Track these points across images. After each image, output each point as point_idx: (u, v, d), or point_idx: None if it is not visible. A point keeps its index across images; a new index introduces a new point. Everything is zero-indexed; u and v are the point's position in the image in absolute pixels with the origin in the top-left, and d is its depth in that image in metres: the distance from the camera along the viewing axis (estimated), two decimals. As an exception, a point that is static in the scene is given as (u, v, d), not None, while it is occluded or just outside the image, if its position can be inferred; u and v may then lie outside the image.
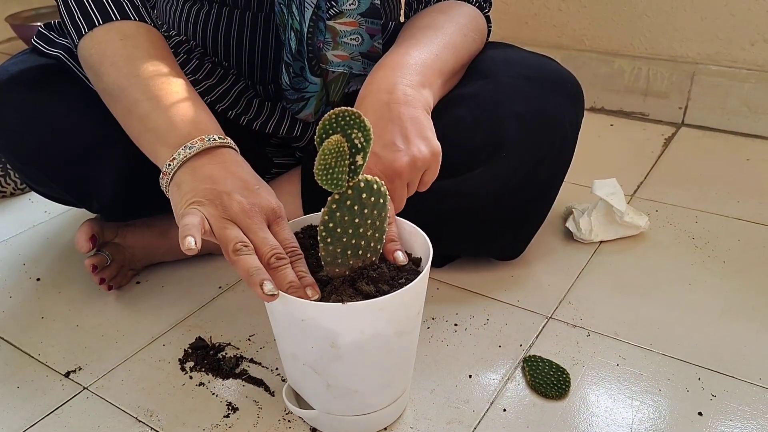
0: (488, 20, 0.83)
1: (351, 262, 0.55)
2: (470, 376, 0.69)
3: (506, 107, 0.74)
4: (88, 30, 0.67)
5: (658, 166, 1.15)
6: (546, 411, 0.64)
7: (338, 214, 0.52)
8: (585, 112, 0.84)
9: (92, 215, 0.92)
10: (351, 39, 0.76)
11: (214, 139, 0.60)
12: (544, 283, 0.83)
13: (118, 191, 0.78)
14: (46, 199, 1.03)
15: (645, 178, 1.10)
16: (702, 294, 0.81)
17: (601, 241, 0.92)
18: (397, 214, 0.62)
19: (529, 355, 0.70)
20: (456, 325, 0.76)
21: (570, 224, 0.93)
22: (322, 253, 0.54)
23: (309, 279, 0.54)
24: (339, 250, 0.54)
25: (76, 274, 0.89)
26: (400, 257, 0.57)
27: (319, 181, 0.50)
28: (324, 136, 0.50)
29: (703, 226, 0.95)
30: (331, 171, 0.50)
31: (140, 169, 0.78)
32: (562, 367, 0.68)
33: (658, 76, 1.32)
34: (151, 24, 0.69)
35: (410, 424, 0.63)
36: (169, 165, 0.59)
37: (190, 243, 0.50)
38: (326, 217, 0.53)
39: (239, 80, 0.84)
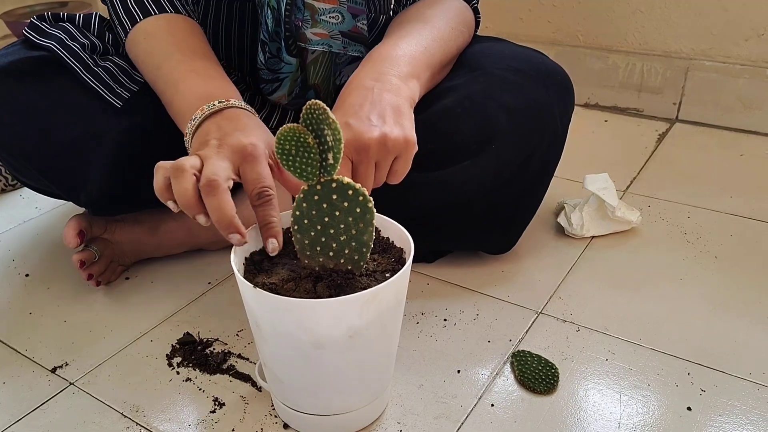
0: (476, 12, 0.82)
1: (321, 260, 0.55)
2: (459, 371, 0.68)
3: (496, 99, 0.74)
4: (125, 37, 0.74)
5: (652, 162, 1.14)
6: (534, 406, 0.64)
7: (304, 205, 0.53)
8: (579, 108, 0.84)
9: (81, 210, 0.92)
10: (330, 17, 0.77)
11: (214, 104, 0.62)
12: (534, 279, 0.83)
13: (106, 185, 0.78)
14: (37, 196, 1.04)
15: (638, 173, 1.10)
16: (693, 289, 0.81)
17: (592, 237, 0.91)
18: (384, 211, 0.61)
19: (518, 350, 0.70)
20: (445, 320, 0.76)
21: (561, 219, 0.92)
22: (293, 240, 0.55)
23: (272, 229, 0.54)
24: (306, 242, 0.54)
25: (65, 270, 0.88)
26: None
27: (281, 165, 0.51)
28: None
29: (695, 221, 0.95)
30: (291, 158, 0.50)
31: (129, 164, 0.78)
32: (550, 362, 0.68)
33: (652, 72, 1.31)
34: (171, 10, 0.72)
35: (397, 419, 0.63)
36: (186, 141, 0.63)
37: (174, 208, 0.55)
38: (294, 206, 0.53)
39: (230, 71, 0.83)
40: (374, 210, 0.52)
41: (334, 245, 0.54)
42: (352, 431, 0.61)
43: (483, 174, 0.75)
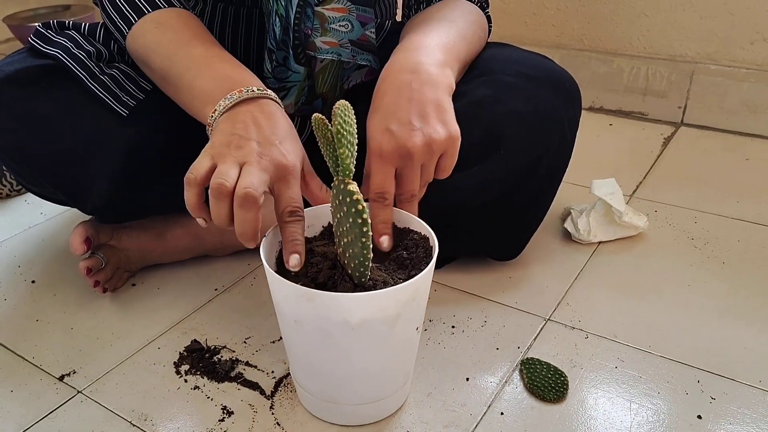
0: (489, 20, 0.83)
1: (340, 250, 0.57)
2: (467, 379, 0.68)
3: (505, 105, 0.74)
4: (128, 29, 0.71)
5: (657, 166, 1.14)
6: (544, 414, 0.64)
7: (333, 192, 0.54)
8: (584, 112, 0.84)
9: (87, 217, 0.91)
10: (340, 25, 0.76)
11: (253, 90, 0.61)
12: (542, 285, 0.83)
13: (112, 192, 0.78)
14: (42, 201, 1.03)
15: (644, 178, 1.10)
16: (701, 295, 0.80)
17: (599, 242, 0.91)
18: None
19: (527, 358, 0.70)
20: (453, 327, 0.76)
21: (568, 225, 0.92)
22: None
23: (298, 246, 0.56)
24: (334, 225, 0.57)
25: (71, 276, 0.88)
26: (385, 243, 0.59)
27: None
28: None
29: (702, 226, 0.95)
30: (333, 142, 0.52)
31: (136, 171, 0.77)
32: (560, 370, 0.68)
33: (657, 76, 1.31)
34: (180, 7, 0.72)
35: (407, 427, 0.62)
36: (212, 116, 0.61)
37: (202, 224, 0.58)
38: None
39: None
40: (366, 225, 0.52)
41: (343, 240, 0.55)
42: (377, 419, 0.63)
43: (490, 180, 0.74)
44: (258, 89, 0.62)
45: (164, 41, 0.69)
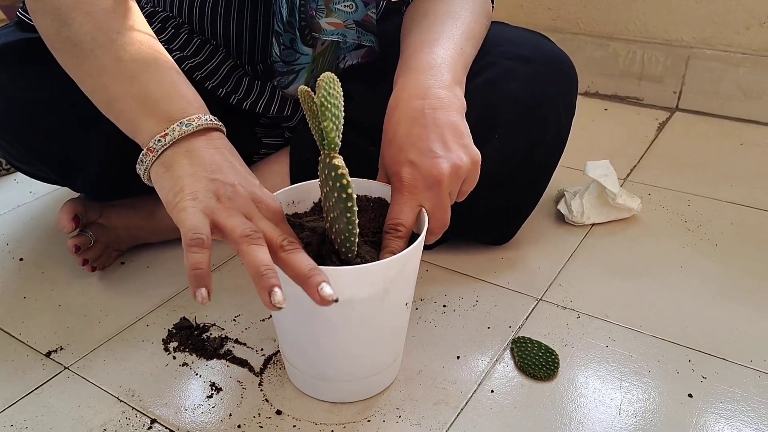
0: (492, 0, 0.81)
1: (327, 224, 0.55)
2: (458, 358, 0.68)
3: (503, 88, 0.73)
4: None
5: (652, 151, 1.14)
6: (534, 392, 0.63)
7: (320, 165, 0.53)
8: (579, 97, 0.83)
9: (76, 195, 0.90)
10: (344, 6, 0.75)
11: (210, 119, 0.54)
12: (534, 266, 0.82)
13: (102, 170, 0.77)
14: (32, 180, 1.02)
15: (638, 162, 1.09)
16: (693, 276, 0.80)
17: (592, 224, 0.91)
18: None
19: (518, 337, 0.70)
20: (445, 306, 0.75)
21: (562, 207, 0.92)
22: None
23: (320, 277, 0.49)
24: (322, 196, 0.55)
25: (60, 254, 0.87)
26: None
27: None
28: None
29: (695, 209, 0.95)
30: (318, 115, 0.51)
31: (126, 148, 0.76)
32: (551, 349, 0.68)
33: (653, 60, 1.30)
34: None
35: (396, 404, 0.62)
36: (159, 141, 0.52)
37: (203, 295, 0.46)
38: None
39: (228, 58, 0.82)
40: (351, 201, 0.51)
41: (330, 215, 0.54)
42: (366, 396, 0.62)
43: (486, 163, 0.74)
44: (214, 119, 0.55)
45: (108, 11, 0.57)
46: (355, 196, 0.51)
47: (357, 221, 0.52)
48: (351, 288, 0.52)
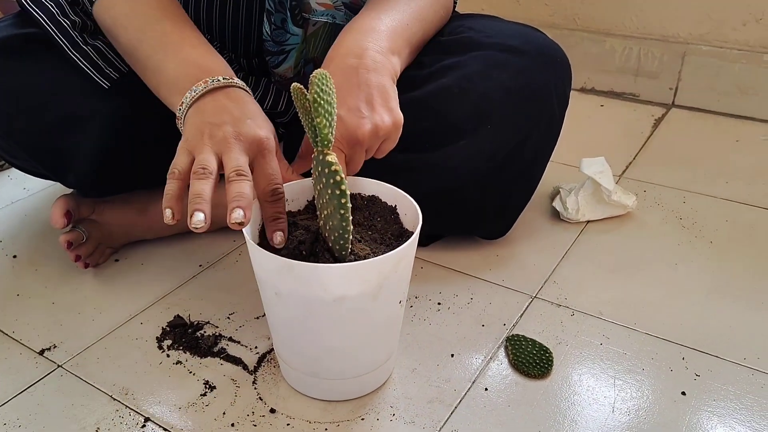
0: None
1: (320, 222, 0.56)
2: (452, 355, 0.68)
3: (495, 79, 0.73)
4: None
5: (647, 147, 1.14)
6: (528, 390, 0.63)
7: (314, 163, 0.53)
8: (575, 93, 0.83)
9: (69, 191, 0.90)
10: None
11: (219, 80, 0.61)
12: (529, 263, 0.82)
13: (94, 166, 0.76)
14: (25, 176, 1.02)
15: (634, 158, 1.09)
16: (688, 274, 0.80)
17: (587, 221, 0.91)
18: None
19: (513, 334, 0.70)
20: (439, 304, 0.75)
21: (557, 204, 0.91)
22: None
23: (281, 224, 0.56)
24: (314, 196, 0.57)
25: (53, 251, 0.87)
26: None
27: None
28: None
29: (690, 206, 0.95)
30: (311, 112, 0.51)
31: (118, 145, 0.76)
32: (545, 347, 0.68)
33: (649, 56, 1.30)
34: None
35: (390, 402, 0.62)
36: (179, 109, 0.61)
37: (168, 216, 0.53)
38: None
39: (223, 53, 0.82)
40: (345, 197, 0.51)
41: (323, 212, 0.54)
42: (360, 395, 0.63)
43: (477, 156, 0.74)
44: (224, 78, 0.61)
45: (133, 16, 0.67)
46: (348, 192, 0.51)
47: (351, 218, 0.52)
48: (344, 285, 0.52)
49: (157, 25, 0.66)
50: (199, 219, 0.51)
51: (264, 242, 0.58)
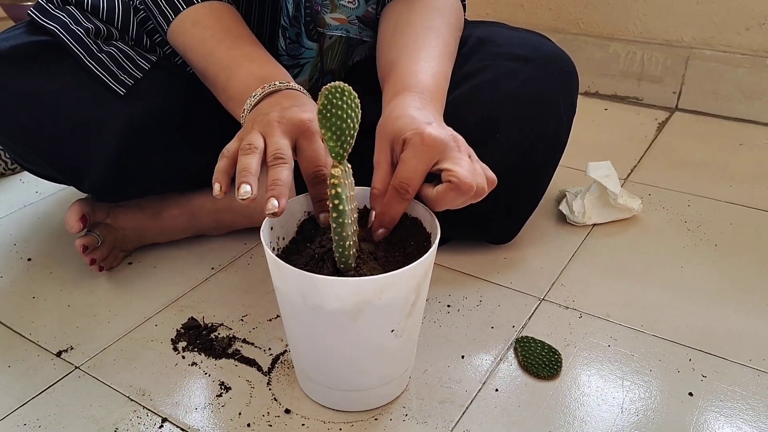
0: (464, 7, 0.82)
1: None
2: (463, 357, 0.69)
3: (503, 89, 0.74)
4: (167, 26, 0.72)
5: (652, 151, 1.15)
6: (538, 391, 0.64)
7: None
8: (579, 97, 0.84)
9: (83, 195, 0.91)
10: (348, 2, 0.77)
11: (275, 84, 0.63)
12: (536, 266, 0.84)
13: (109, 171, 0.78)
14: (38, 180, 1.03)
15: (638, 162, 1.11)
16: (693, 277, 0.81)
17: (594, 224, 0.92)
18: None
19: (522, 336, 0.71)
20: (449, 306, 0.76)
21: (563, 207, 0.93)
22: None
23: (324, 205, 0.56)
24: None
25: (67, 254, 0.88)
26: (380, 236, 0.58)
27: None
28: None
29: (695, 209, 0.96)
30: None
31: (132, 151, 0.77)
32: (554, 348, 0.69)
33: (653, 61, 1.31)
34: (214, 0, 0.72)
35: (402, 403, 0.63)
36: (242, 116, 0.63)
37: (216, 190, 0.55)
38: None
39: None
40: (337, 212, 0.51)
41: (332, 226, 0.55)
42: (376, 406, 0.63)
43: (486, 163, 0.75)
44: (280, 82, 0.63)
45: (199, 41, 0.70)
46: (345, 208, 0.51)
47: (347, 234, 0.52)
48: (354, 299, 0.52)
49: (221, 46, 0.68)
50: (246, 191, 0.52)
51: (286, 254, 0.59)
